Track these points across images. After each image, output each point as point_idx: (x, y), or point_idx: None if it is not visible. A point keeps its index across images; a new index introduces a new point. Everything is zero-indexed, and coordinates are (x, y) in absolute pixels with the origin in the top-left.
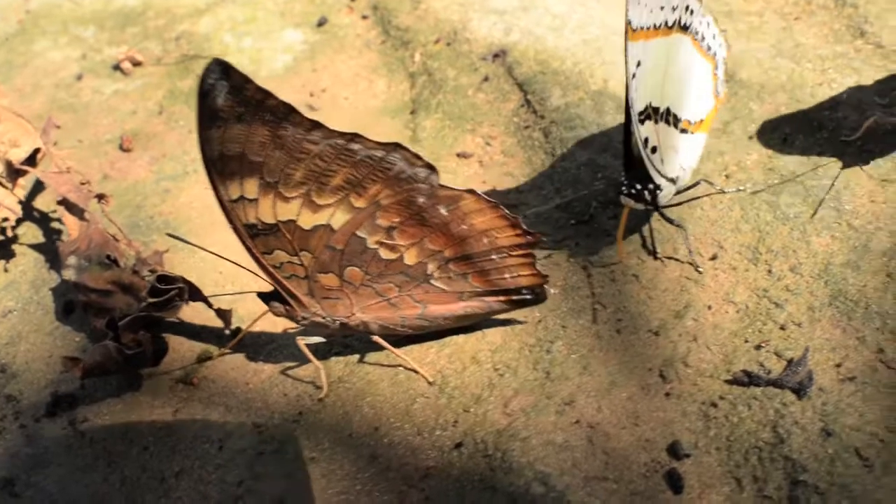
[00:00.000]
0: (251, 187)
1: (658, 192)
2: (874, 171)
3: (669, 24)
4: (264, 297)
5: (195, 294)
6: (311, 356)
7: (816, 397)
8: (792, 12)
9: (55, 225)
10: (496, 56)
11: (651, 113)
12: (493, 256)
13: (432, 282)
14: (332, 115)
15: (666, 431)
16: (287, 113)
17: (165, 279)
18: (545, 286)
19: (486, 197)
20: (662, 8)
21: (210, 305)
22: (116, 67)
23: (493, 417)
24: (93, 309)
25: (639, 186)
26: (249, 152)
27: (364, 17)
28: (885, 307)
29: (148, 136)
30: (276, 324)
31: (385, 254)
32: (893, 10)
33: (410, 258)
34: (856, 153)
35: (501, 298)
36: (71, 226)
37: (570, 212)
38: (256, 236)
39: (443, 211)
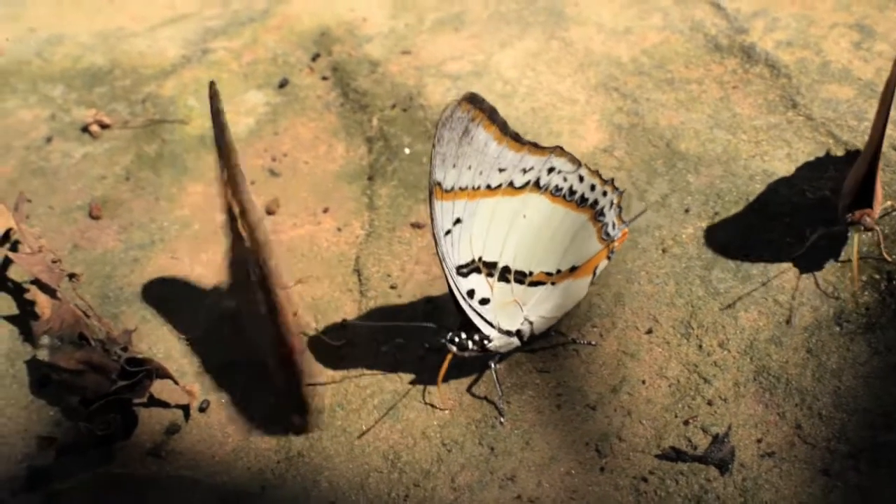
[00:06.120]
0: None
1: (487, 342)
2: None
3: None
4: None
5: (162, 373)
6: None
7: (738, 473)
8: (730, 81)
9: (30, 296)
10: None
11: (481, 266)
12: None
13: None
14: (292, 180)
15: None
16: None
17: (135, 361)
18: None
19: None
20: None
21: (176, 382)
22: (85, 130)
23: (441, 493)
24: (66, 387)
25: (463, 335)
26: None
27: (324, 79)
28: (803, 383)
29: (116, 203)
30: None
31: None
32: (823, 83)
33: None
34: (810, 262)
35: None
36: (43, 305)
37: None
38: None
39: None
